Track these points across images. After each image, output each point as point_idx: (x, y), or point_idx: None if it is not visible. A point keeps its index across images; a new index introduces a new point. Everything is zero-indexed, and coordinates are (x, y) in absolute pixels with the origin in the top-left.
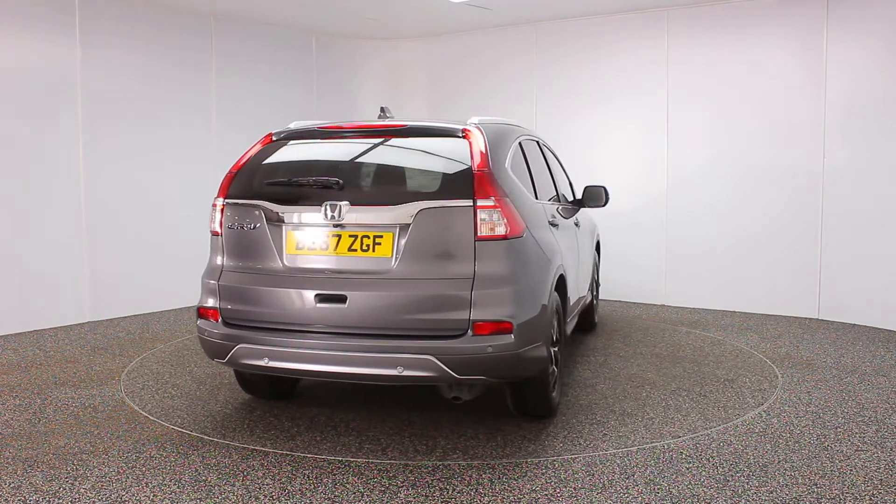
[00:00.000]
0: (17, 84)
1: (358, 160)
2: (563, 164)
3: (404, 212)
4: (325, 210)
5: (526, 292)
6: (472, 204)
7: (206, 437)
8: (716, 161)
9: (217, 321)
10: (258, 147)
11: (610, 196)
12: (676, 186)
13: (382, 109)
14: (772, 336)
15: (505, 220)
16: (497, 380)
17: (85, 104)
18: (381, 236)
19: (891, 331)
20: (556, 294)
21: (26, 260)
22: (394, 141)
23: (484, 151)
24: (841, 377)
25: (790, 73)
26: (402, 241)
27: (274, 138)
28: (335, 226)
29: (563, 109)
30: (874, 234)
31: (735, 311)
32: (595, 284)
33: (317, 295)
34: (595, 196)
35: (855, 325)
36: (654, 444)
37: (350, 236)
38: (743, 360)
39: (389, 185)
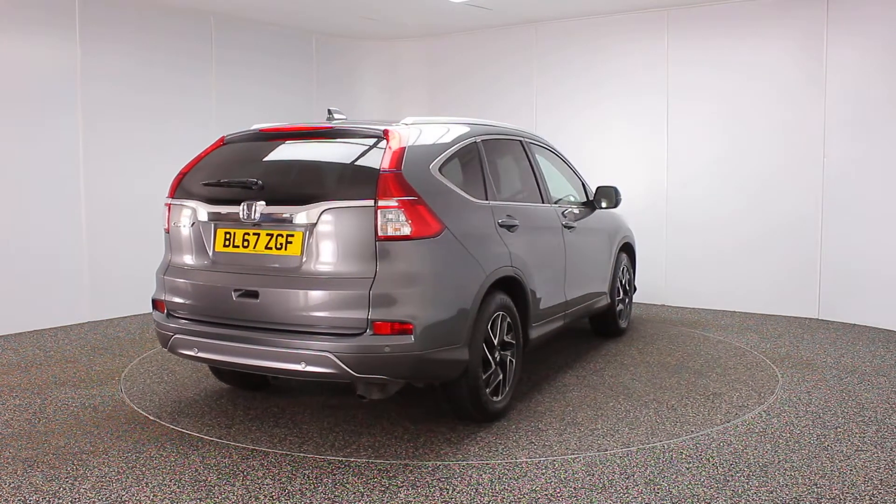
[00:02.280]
0: (17, 84)
1: (282, 161)
2: (574, 167)
3: (312, 212)
4: (243, 209)
5: (434, 294)
6: (373, 204)
7: (206, 437)
8: (716, 161)
9: (163, 312)
10: (209, 149)
11: (621, 196)
12: (677, 186)
13: (329, 111)
14: (772, 336)
15: (409, 221)
16: (402, 380)
17: (85, 104)
18: (293, 235)
19: (891, 331)
20: (501, 297)
21: (26, 260)
22: (321, 143)
23: (397, 153)
24: (841, 377)
25: (790, 73)
26: (310, 241)
27: (226, 141)
28: (253, 225)
29: (562, 109)
30: (874, 235)
31: (735, 311)
32: (622, 288)
33: (235, 290)
34: (606, 196)
35: (855, 325)
36: (653, 445)
37: (267, 235)
38: (743, 360)
39: (303, 185)
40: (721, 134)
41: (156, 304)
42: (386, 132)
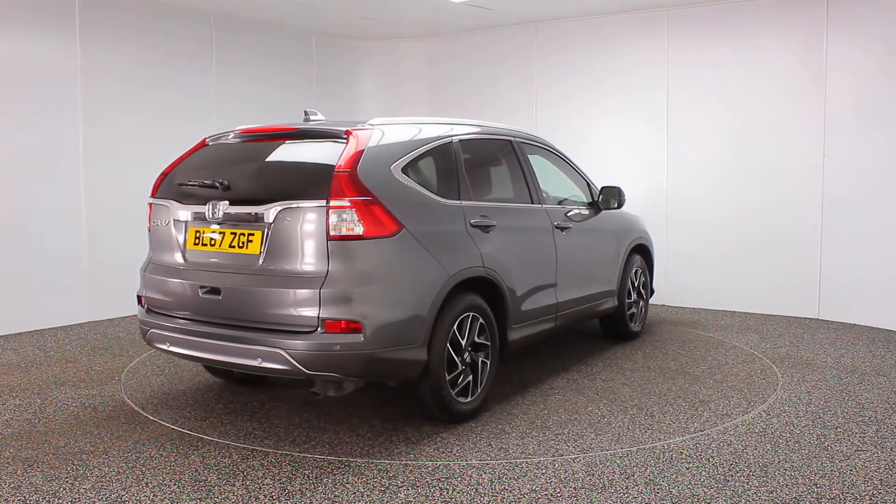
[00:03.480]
0: (18, 84)
1: (251, 162)
2: (578, 168)
3: (269, 211)
4: (209, 209)
5: (387, 294)
6: (326, 204)
7: (206, 437)
8: (716, 161)
9: (143, 307)
10: (191, 150)
11: (625, 197)
12: (677, 186)
13: (306, 113)
14: (772, 336)
15: (362, 221)
16: (355, 378)
17: (85, 104)
18: (253, 234)
19: (891, 331)
20: (471, 298)
21: (26, 260)
22: (288, 143)
23: (355, 153)
24: (841, 377)
25: (790, 72)
26: (268, 240)
27: (207, 142)
28: (218, 224)
29: (563, 109)
30: (874, 234)
31: (735, 311)
32: (634, 291)
33: (201, 287)
34: (609, 197)
35: (855, 325)
36: (653, 445)
37: (231, 233)
38: (743, 360)
39: (263, 185)
40: (721, 134)
41: (139, 299)
42: (347, 133)
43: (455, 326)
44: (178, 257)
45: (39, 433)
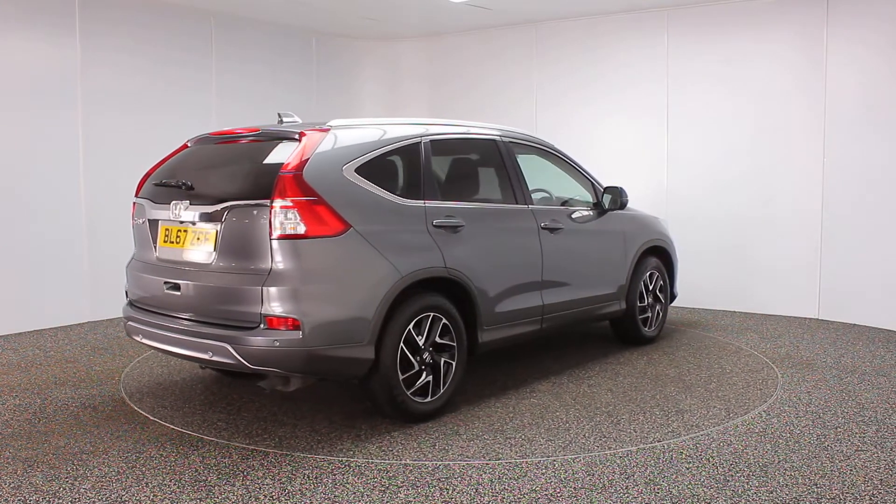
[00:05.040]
0: (18, 83)
1: (214, 163)
2: (582, 168)
3: (221, 210)
4: (172, 208)
5: (327, 292)
6: (269, 203)
7: (206, 437)
8: (716, 160)
9: (126, 301)
10: (174, 152)
11: (626, 197)
12: (676, 186)
13: (279, 115)
14: (772, 336)
15: (304, 221)
16: (297, 374)
17: (85, 104)
18: (209, 233)
19: (891, 331)
20: (433, 299)
21: (26, 260)
22: (249, 145)
23: (302, 154)
24: (841, 377)
25: (790, 72)
26: (220, 238)
27: (188, 144)
28: (180, 222)
29: (562, 109)
30: (874, 234)
31: (735, 311)
32: (649, 294)
33: (165, 282)
34: (610, 197)
35: (855, 325)
36: (653, 445)
37: (192, 232)
38: (743, 360)
39: (219, 186)
40: (721, 133)
41: (125, 293)
42: (301, 134)
43: (411, 326)
44: (152, 254)
45: (39, 433)
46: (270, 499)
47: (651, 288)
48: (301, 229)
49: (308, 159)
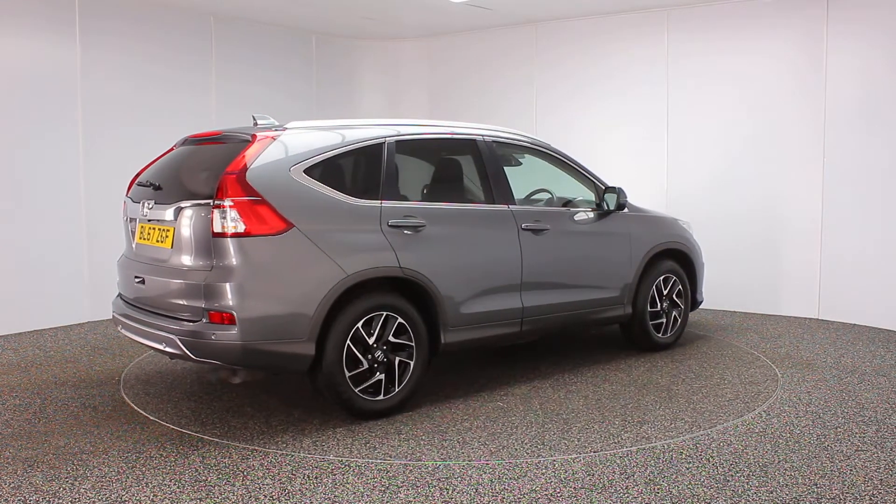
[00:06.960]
0: (17, 84)
1: (181, 165)
2: (585, 168)
3: (173, 210)
4: (140, 207)
5: (264, 289)
6: (210, 203)
7: (206, 437)
8: (716, 161)
9: (117, 293)
10: (164, 154)
11: (625, 198)
12: (676, 186)
13: (254, 118)
14: (772, 336)
15: (243, 219)
16: (235, 366)
17: (85, 104)
18: (168, 230)
19: (891, 331)
20: (387, 298)
21: (26, 260)
22: (211, 147)
23: (246, 156)
24: (841, 377)
25: (790, 72)
26: (176, 235)
27: (175, 146)
28: (148, 221)
29: (563, 108)
30: (874, 234)
31: (735, 311)
32: (663, 299)
33: (135, 276)
34: (609, 197)
35: (855, 325)
36: (652, 445)
37: (158, 230)
38: (743, 360)
39: (177, 186)
40: (721, 134)
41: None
42: (253, 137)
43: (360, 324)
44: (131, 249)
45: (39, 433)
46: (270, 499)
47: (666, 293)
48: (241, 228)
49: (253, 161)
